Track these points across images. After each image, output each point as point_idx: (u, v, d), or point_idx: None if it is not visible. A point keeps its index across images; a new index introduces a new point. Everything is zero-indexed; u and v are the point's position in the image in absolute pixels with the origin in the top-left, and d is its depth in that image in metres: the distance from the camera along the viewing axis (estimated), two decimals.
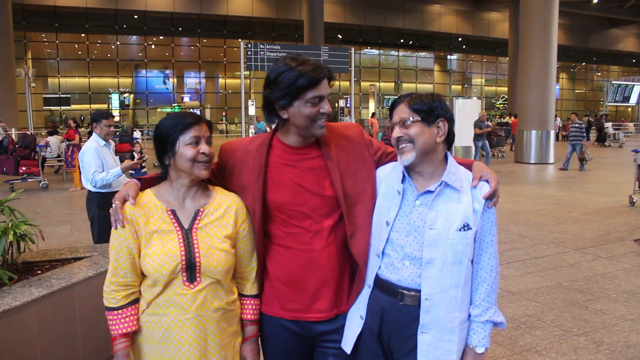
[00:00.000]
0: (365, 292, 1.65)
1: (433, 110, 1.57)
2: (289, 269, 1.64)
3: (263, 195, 1.63)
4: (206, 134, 1.59)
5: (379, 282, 1.62)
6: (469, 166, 1.64)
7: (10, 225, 2.49)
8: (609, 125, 23.47)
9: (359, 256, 1.64)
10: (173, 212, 1.59)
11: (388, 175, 1.67)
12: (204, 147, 1.56)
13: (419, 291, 1.55)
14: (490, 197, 1.57)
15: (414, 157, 1.55)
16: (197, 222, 1.60)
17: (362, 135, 1.75)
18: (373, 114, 21.75)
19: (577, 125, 13.17)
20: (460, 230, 1.53)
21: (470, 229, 1.54)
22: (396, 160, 1.70)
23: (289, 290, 1.65)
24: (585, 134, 13.23)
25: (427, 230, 1.53)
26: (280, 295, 1.66)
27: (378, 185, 1.70)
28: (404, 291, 1.56)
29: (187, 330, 1.54)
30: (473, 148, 13.04)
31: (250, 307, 1.70)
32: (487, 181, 1.58)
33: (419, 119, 1.56)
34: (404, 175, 1.62)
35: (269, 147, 1.67)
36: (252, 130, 17.11)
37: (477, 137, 12.75)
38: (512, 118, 21.01)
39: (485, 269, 1.60)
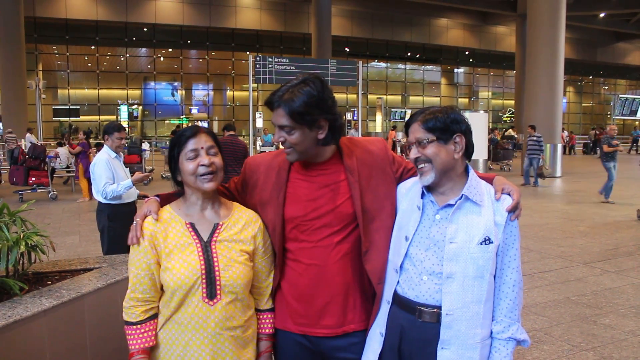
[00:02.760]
0: (385, 309, 1.63)
1: (448, 127, 1.54)
2: (298, 284, 1.64)
3: (282, 210, 1.64)
4: (206, 144, 1.58)
5: (397, 299, 1.60)
6: (490, 180, 1.64)
7: (22, 236, 2.53)
8: None
9: (372, 273, 1.63)
10: (192, 225, 1.59)
11: (409, 191, 1.67)
12: (203, 159, 1.55)
13: (438, 307, 1.52)
14: (513, 210, 1.55)
15: (434, 177, 1.54)
16: (216, 235, 1.60)
17: (386, 152, 1.74)
18: (394, 127, 21.65)
19: (534, 138, 12.63)
20: (481, 244, 1.50)
21: (492, 242, 1.51)
22: (416, 176, 1.69)
23: (298, 304, 1.65)
24: (543, 148, 12.46)
25: (448, 244, 1.52)
26: (291, 310, 1.67)
27: (399, 201, 1.68)
28: (422, 308, 1.54)
29: (205, 349, 1.54)
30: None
31: (266, 321, 1.70)
32: (509, 194, 1.57)
33: (435, 138, 1.53)
34: (423, 191, 1.61)
35: (291, 163, 1.68)
36: (259, 142, 17.20)
37: (606, 157, 10.22)
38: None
39: (507, 283, 1.55)
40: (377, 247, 1.64)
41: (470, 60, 36.24)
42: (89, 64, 28.23)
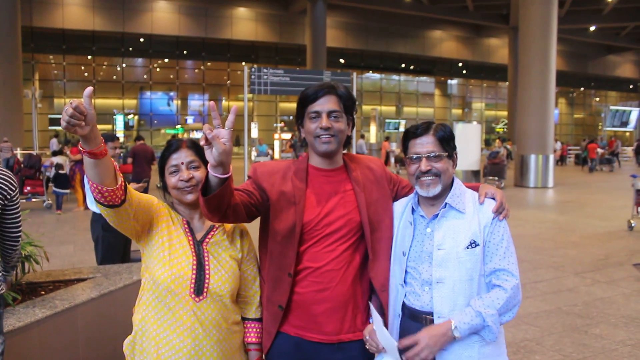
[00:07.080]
0: (395, 323, 1.67)
1: (452, 142, 1.65)
2: (302, 288, 1.66)
3: (302, 215, 1.66)
4: (187, 159, 1.64)
5: (407, 310, 1.65)
6: (475, 189, 1.72)
7: None
8: None
9: (376, 280, 1.68)
10: (188, 223, 1.66)
11: (404, 209, 1.75)
12: (183, 175, 1.63)
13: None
14: (499, 212, 1.61)
15: (440, 189, 1.61)
16: (209, 237, 1.65)
17: (384, 170, 1.84)
18: (387, 138, 21.56)
19: None
20: (467, 247, 1.57)
21: (478, 245, 1.58)
22: (409, 194, 1.77)
23: (298, 308, 1.66)
24: None
25: (436, 250, 1.58)
26: (290, 313, 1.67)
27: (395, 218, 1.76)
28: (428, 316, 1.59)
29: (188, 340, 1.54)
30: None
31: (253, 330, 1.71)
32: (493, 198, 1.64)
33: (446, 154, 1.62)
34: (413, 207, 1.69)
35: (306, 172, 1.73)
36: (254, 153, 17.23)
37: None
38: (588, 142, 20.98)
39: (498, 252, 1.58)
40: (380, 256, 1.71)
41: (464, 71, 36.56)
42: (86, 74, 28.25)
